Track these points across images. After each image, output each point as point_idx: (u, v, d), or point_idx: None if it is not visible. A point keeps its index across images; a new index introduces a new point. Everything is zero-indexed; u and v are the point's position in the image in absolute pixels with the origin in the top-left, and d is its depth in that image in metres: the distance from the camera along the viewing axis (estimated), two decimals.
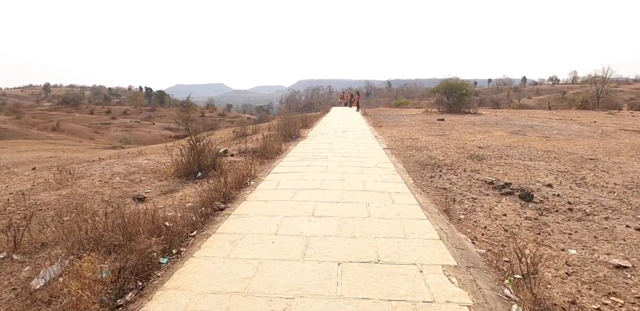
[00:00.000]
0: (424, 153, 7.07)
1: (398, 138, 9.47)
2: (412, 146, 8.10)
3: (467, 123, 13.19)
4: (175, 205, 3.80)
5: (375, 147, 7.62)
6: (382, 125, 13.27)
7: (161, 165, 5.72)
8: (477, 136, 9.80)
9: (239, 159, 6.29)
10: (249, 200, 3.81)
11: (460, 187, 4.71)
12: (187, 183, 4.81)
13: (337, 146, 7.63)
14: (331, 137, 9.27)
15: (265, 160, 6.15)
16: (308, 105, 56.39)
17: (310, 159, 6.09)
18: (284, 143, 8.28)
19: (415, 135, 10.29)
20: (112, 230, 2.65)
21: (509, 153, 7.10)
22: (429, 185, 4.78)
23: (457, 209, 3.86)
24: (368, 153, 6.77)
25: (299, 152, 6.89)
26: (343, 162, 5.84)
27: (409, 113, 20.13)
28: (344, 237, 2.82)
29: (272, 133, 9.47)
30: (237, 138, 9.65)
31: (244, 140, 9.26)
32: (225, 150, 6.76)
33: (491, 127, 11.90)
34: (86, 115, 62.94)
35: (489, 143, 8.39)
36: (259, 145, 7.13)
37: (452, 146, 8.06)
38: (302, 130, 11.20)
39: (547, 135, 9.82)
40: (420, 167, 5.84)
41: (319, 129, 11.61)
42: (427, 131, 11.19)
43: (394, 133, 10.87)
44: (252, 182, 4.64)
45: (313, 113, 28.22)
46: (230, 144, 8.37)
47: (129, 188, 4.48)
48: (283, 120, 9.79)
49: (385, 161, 5.97)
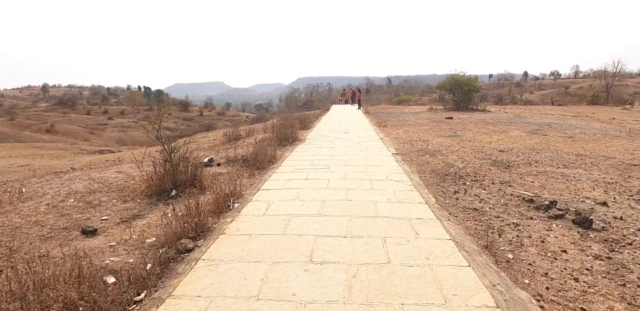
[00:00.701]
0: (440, 160, 6.16)
1: (406, 141, 8.56)
2: (423, 150, 7.19)
3: (478, 122, 12.26)
4: (132, 242, 2.91)
5: (383, 151, 6.71)
6: (386, 124, 12.36)
7: (132, 179, 4.82)
8: (494, 137, 8.88)
9: (226, 170, 5.38)
10: (227, 234, 2.91)
11: (493, 206, 3.81)
12: (157, 205, 3.92)
13: (339, 151, 6.72)
14: (332, 140, 8.35)
15: (256, 171, 5.25)
16: (307, 103, 55.34)
17: (308, 169, 5.18)
18: (280, 148, 7.37)
19: (425, 136, 9.38)
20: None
21: (537, 158, 6.19)
22: (455, 204, 3.88)
23: (499, 242, 2.97)
24: (375, 160, 5.87)
25: (296, 160, 5.98)
26: (347, 172, 4.93)
27: (413, 111, 19.19)
28: (356, 305, 1.93)
29: (267, 136, 8.57)
30: (229, 142, 8.75)
31: (235, 144, 8.36)
32: (210, 159, 5.86)
33: (505, 126, 10.97)
34: (82, 115, 61.99)
35: (509, 146, 7.48)
36: (250, 151, 6.22)
37: (469, 149, 7.15)
38: (300, 132, 10.28)
39: (571, 135, 8.90)
40: (439, 178, 4.93)
41: (319, 130, 10.69)
42: (437, 131, 10.27)
43: (400, 134, 9.96)
44: (236, 203, 3.74)
45: (312, 111, 27.25)
46: (219, 150, 7.46)
47: (81, 214, 3.58)
48: (279, 122, 8.86)
49: (397, 171, 5.06)
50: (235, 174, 5.05)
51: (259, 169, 5.38)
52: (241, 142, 8.66)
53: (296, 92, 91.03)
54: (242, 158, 5.94)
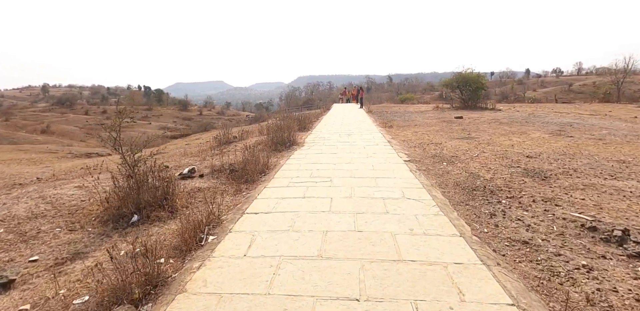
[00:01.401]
0: (460, 168, 5.27)
1: (417, 144, 7.67)
2: (438, 155, 6.30)
3: (491, 122, 11.35)
4: (53, 305, 2.04)
5: (393, 158, 5.82)
6: (392, 125, 11.46)
7: (91, 197, 3.95)
8: (514, 139, 7.98)
9: (208, 184, 4.50)
10: (188, 292, 2.04)
11: (546, 236, 2.93)
12: (110, 236, 3.05)
13: (343, 158, 5.83)
14: (334, 144, 7.47)
15: (244, 186, 4.37)
16: (308, 102, 54.36)
17: (306, 183, 4.30)
18: (275, 154, 6.49)
19: (436, 138, 8.49)
20: None
21: (574, 166, 5.29)
22: (496, 233, 2.99)
23: (576, 299, 2.09)
24: (386, 169, 4.98)
25: (293, 170, 5.09)
26: (354, 187, 4.05)
27: (418, 110, 18.28)
28: None
29: (262, 139, 7.68)
30: (219, 146, 7.87)
31: (225, 149, 7.48)
32: (191, 169, 4.97)
33: (523, 126, 10.06)
34: (81, 115, 61.22)
35: (535, 150, 6.58)
36: (241, 159, 5.34)
37: (491, 155, 6.26)
38: (299, 134, 9.40)
39: (599, 137, 7.99)
40: (466, 194, 4.04)
41: (319, 132, 9.80)
42: (448, 132, 9.37)
43: (409, 135, 9.07)
44: (211, 236, 2.86)
45: (313, 111, 26.33)
46: (206, 156, 6.59)
47: (5, 252, 2.71)
48: (274, 124, 7.97)
49: (414, 184, 4.17)
50: (218, 190, 4.18)
51: (248, 183, 4.49)
52: (233, 146, 7.78)
53: (297, 91, 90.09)
54: (229, 167, 5.06)
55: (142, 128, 56.19)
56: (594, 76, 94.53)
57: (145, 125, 59.46)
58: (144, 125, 59.97)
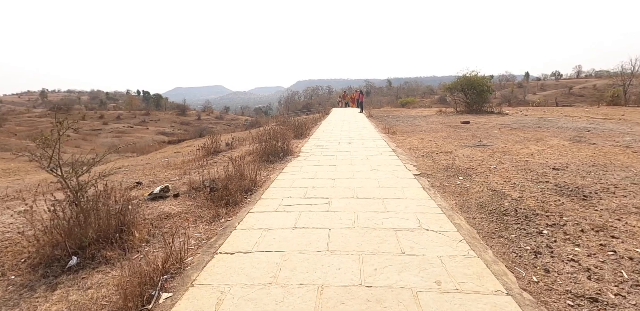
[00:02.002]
0: (480, 183, 4.52)
1: (425, 153, 6.93)
2: (451, 167, 5.56)
3: (501, 127, 10.63)
4: None
5: (401, 171, 5.07)
6: (395, 130, 10.72)
7: (31, 229, 3.18)
8: (531, 147, 7.24)
9: (181, 207, 3.73)
10: None
11: (618, 289, 2.17)
12: (35, 288, 2.28)
13: (343, 172, 5.08)
14: (333, 153, 6.72)
15: (224, 210, 3.60)
16: (307, 106, 53.76)
17: (299, 207, 3.54)
18: (266, 166, 5.74)
19: (445, 146, 7.75)
20: None
21: (612, 180, 4.54)
22: (550, 285, 2.23)
23: None
24: (395, 186, 4.23)
25: (285, 187, 4.34)
26: (358, 214, 3.29)
27: (420, 114, 17.58)
28: None
29: (254, 148, 6.94)
30: (206, 157, 7.12)
31: (213, 159, 6.74)
32: (164, 187, 4.21)
33: (537, 132, 9.33)
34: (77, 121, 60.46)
35: (560, 160, 5.84)
36: (226, 173, 4.58)
37: (510, 166, 5.52)
38: (295, 142, 8.67)
39: (625, 144, 7.26)
40: (495, 220, 3.29)
41: (317, 140, 9.07)
42: (457, 139, 8.64)
43: (414, 143, 8.33)
44: (166, 293, 2.09)
45: (311, 115, 25.62)
46: (188, 169, 5.83)
47: None
48: (267, 131, 7.21)
49: (430, 208, 3.42)
50: (191, 215, 3.42)
51: (229, 205, 3.73)
52: (221, 156, 7.04)
53: (295, 95, 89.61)
54: (209, 185, 4.31)
55: (139, 134, 55.52)
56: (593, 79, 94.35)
57: (143, 130, 58.76)
58: (142, 130, 59.28)
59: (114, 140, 46.67)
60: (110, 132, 53.52)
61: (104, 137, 49.30)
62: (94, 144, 43.36)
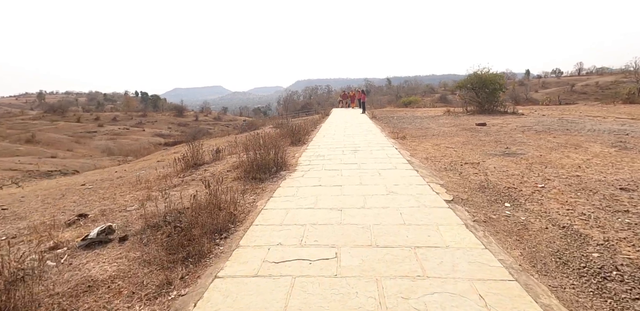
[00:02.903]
0: (537, 214, 3.35)
1: (446, 164, 5.76)
2: (486, 186, 4.39)
3: (524, 130, 9.45)
4: None
5: (427, 195, 3.90)
6: (404, 134, 9.54)
7: None
8: (572, 156, 6.07)
9: (118, 266, 2.56)
10: None
11: None
12: None
13: (352, 198, 3.90)
14: (337, 167, 5.55)
15: (181, 272, 2.43)
16: (306, 107, 52.50)
17: (292, 267, 2.37)
18: (253, 187, 4.56)
19: (468, 154, 6.58)
20: None
21: None
22: None
23: None
24: (426, 225, 3.05)
25: (274, 226, 3.16)
26: (381, 281, 2.12)
27: (427, 115, 16.39)
28: None
29: (242, 161, 5.74)
30: (184, 172, 5.96)
31: (192, 175, 5.57)
32: (106, 228, 3.03)
33: (568, 136, 8.16)
34: (72, 123, 59.31)
35: (620, 175, 4.67)
36: (192, 205, 3.41)
37: (561, 184, 4.35)
38: (291, 150, 7.50)
39: None
40: (597, 291, 2.12)
41: (317, 147, 7.89)
42: (479, 145, 7.47)
43: (430, 150, 7.17)
44: None
45: (310, 116, 24.45)
46: (155, 192, 4.65)
47: None
48: (256, 140, 6.01)
49: (493, 270, 2.25)
50: (128, 284, 2.25)
51: (190, 261, 2.55)
52: (202, 170, 5.87)
53: (294, 95, 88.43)
54: (173, 220, 3.14)
55: (135, 136, 54.25)
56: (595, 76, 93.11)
57: (139, 132, 57.52)
58: (138, 132, 58.03)
59: (108, 142, 45.45)
60: (105, 134, 52.25)
61: (99, 140, 48.03)
62: (87, 147, 42.14)
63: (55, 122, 57.30)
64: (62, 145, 40.75)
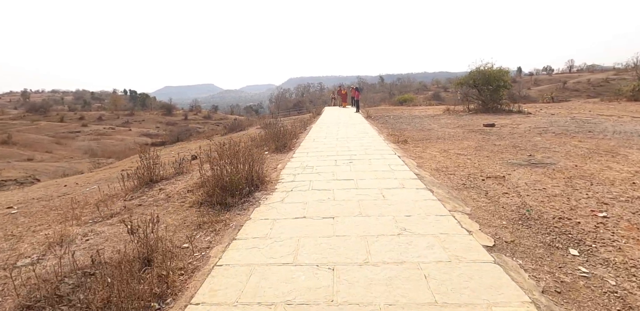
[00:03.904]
0: (626, 273, 2.24)
1: (464, 178, 4.62)
2: (528, 215, 3.26)
3: (541, 132, 8.38)
4: None
5: (455, 234, 2.74)
6: (405, 138, 8.40)
7: None
8: (614, 166, 4.98)
9: None
10: None
11: None
12: None
13: (348, 239, 2.73)
14: (329, 186, 4.36)
15: None
16: (298, 104, 51.14)
17: None
18: (212, 220, 3.35)
19: (486, 163, 5.46)
20: None
21: None
22: None
23: None
24: (467, 300, 1.91)
25: (225, 304, 1.98)
26: None
27: (426, 114, 15.28)
28: None
29: (209, 177, 4.51)
30: (135, 191, 4.71)
31: (139, 198, 4.34)
32: None
33: (594, 140, 7.09)
34: (54, 123, 57.05)
35: None
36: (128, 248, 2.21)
37: (626, 210, 3.24)
38: (274, 160, 6.31)
39: None
40: None
41: (306, 155, 6.70)
42: (496, 151, 6.35)
43: (438, 158, 6.04)
44: None
45: (302, 115, 23.20)
46: (87, 221, 3.42)
47: None
48: (227, 150, 4.76)
49: None
50: None
51: None
52: (158, 190, 4.63)
53: (287, 93, 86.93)
54: (68, 294, 1.93)
55: (120, 136, 52.31)
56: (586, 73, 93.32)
57: (125, 132, 55.55)
58: (124, 131, 56.06)
59: (91, 143, 43.53)
60: (89, 135, 50.21)
61: (81, 140, 46.04)
62: (69, 148, 40.22)
63: (36, 121, 54.98)
64: (41, 146, 38.80)
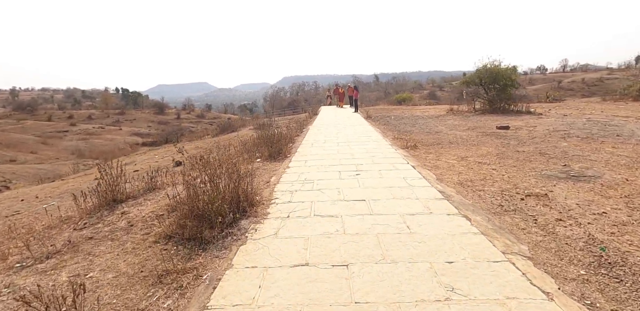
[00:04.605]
0: None
1: (496, 195, 3.76)
2: (602, 255, 2.41)
3: (564, 136, 7.56)
4: None
5: (528, 300, 1.88)
6: (414, 142, 7.52)
7: None
8: None
9: None
10: None
11: None
12: None
13: (373, 306, 1.86)
14: (333, 208, 3.46)
15: None
16: (293, 103, 50.07)
17: None
18: (179, 270, 2.43)
19: (516, 175, 4.60)
20: None
21: None
22: None
23: None
24: None
25: None
26: None
27: (428, 114, 14.44)
28: None
29: (181, 202, 3.58)
30: (92, 214, 3.77)
31: (95, 226, 3.40)
32: None
33: (630, 146, 6.28)
34: (41, 122, 55.31)
35: None
36: None
37: None
38: (266, 170, 5.40)
39: None
40: None
41: (304, 165, 5.79)
42: (522, 160, 5.50)
43: (457, 167, 5.18)
44: None
45: (297, 115, 22.25)
46: (13, 264, 2.48)
47: None
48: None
49: None
50: None
51: None
52: (117, 216, 3.69)
53: (281, 92, 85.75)
54: None
55: (110, 135, 50.81)
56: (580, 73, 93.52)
57: (115, 131, 54.03)
58: (114, 131, 54.52)
59: (79, 143, 42.06)
60: (78, 134, 48.64)
61: (69, 140, 44.52)
62: (55, 149, 38.76)
63: (22, 120, 53.21)
64: (26, 146, 37.31)
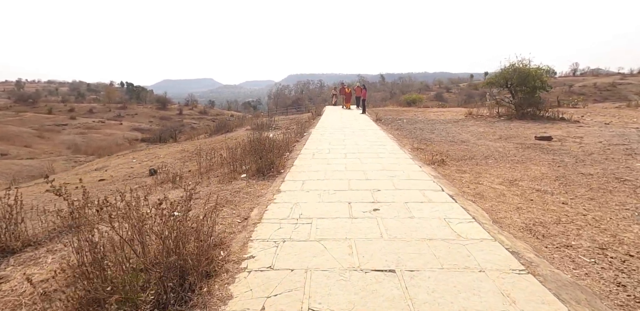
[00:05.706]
0: None
1: (593, 254, 2.31)
2: None
3: (629, 153, 6.06)
4: None
5: None
6: (440, 155, 6.07)
7: None
8: None
9: None
10: None
11: None
12: None
13: None
14: (341, 282, 2.06)
15: None
16: (297, 102, 48.63)
17: None
18: None
19: (603, 217, 3.15)
20: None
21: None
22: None
23: None
24: None
25: None
26: None
27: (445, 118, 12.92)
28: None
29: (81, 275, 2.17)
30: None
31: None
32: None
33: None
34: (41, 114, 54.32)
35: None
36: None
37: None
38: (251, 192, 3.97)
39: None
40: None
41: (300, 189, 4.36)
42: (597, 189, 4.03)
43: (510, 198, 3.73)
44: None
45: (300, 114, 20.82)
46: None
47: None
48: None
49: None
50: None
51: None
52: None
53: (286, 90, 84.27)
54: None
55: (109, 130, 49.65)
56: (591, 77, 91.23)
57: (115, 126, 52.87)
58: (114, 125, 53.37)
59: (76, 137, 40.91)
60: (77, 128, 47.52)
61: (67, 134, 43.37)
62: (51, 142, 37.65)
63: (21, 113, 52.23)
64: (21, 140, 36.20)
